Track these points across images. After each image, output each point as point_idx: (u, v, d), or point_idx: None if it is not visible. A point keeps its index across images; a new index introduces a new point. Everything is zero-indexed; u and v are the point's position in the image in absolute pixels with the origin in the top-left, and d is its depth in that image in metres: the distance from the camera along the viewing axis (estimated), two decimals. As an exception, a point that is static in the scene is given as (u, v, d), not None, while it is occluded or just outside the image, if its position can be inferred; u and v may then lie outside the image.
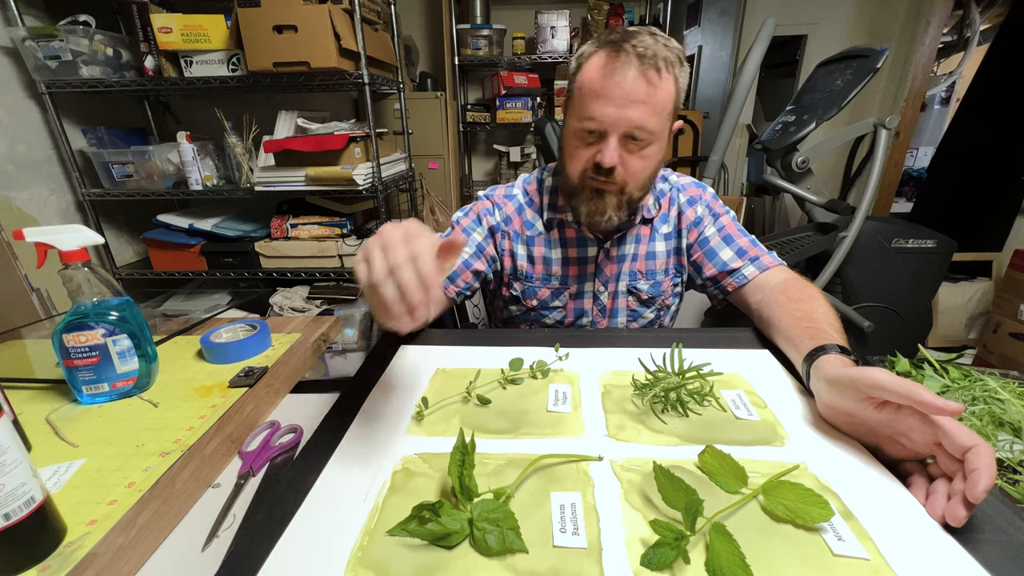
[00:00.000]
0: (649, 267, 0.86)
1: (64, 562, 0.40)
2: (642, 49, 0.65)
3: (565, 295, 0.88)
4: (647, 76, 0.65)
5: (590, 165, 0.71)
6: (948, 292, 2.25)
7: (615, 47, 0.66)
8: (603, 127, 0.68)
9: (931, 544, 0.35)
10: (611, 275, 0.87)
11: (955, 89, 2.90)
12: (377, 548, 0.37)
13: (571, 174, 0.75)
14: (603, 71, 0.67)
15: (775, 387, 0.57)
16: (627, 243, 0.85)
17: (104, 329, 0.61)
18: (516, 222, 0.87)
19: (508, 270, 0.89)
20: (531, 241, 0.86)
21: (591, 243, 0.85)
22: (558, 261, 0.86)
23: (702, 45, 2.70)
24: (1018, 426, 0.54)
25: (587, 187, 0.74)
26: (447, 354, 0.68)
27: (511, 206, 0.87)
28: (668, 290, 0.88)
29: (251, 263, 1.77)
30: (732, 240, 0.82)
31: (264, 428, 0.59)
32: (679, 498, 0.37)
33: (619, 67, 0.65)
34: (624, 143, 0.69)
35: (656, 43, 0.66)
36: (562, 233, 0.86)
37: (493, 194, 0.89)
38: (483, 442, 0.49)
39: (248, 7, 1.42)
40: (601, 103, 0.67)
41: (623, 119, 0.66)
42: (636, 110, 0.66)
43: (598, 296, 0.88)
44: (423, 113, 2.09)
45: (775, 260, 0.79)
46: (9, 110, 1.53)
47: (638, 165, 0.71)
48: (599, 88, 0.67)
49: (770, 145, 1.59)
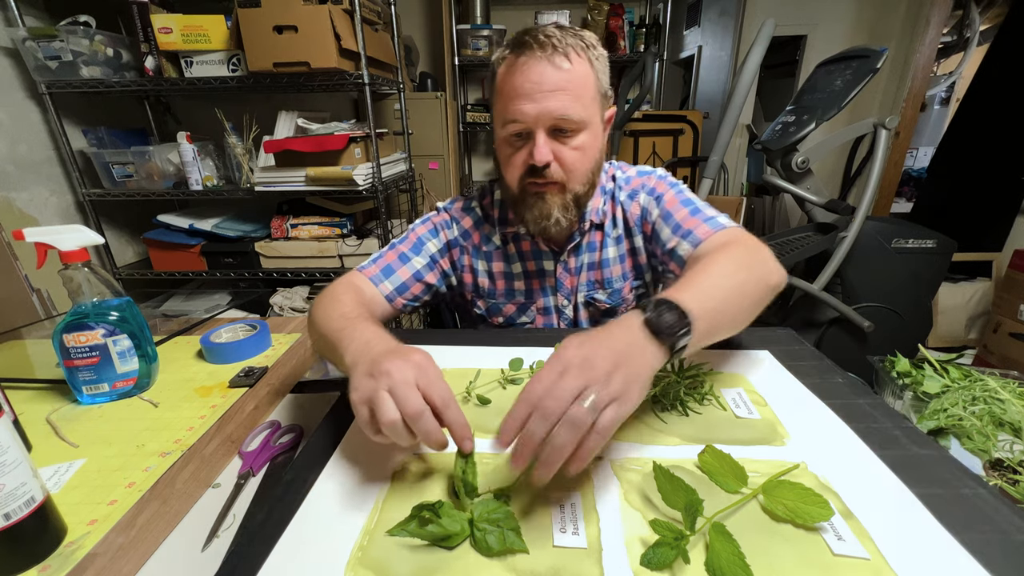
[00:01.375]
0: (605, 275, 0.82)
1: (64, 562, 0.40)
2: (543, 38, 0.64)
3: (533, 310, 0.85)
4: (555, 63, 0.63)
5: (525, 168, 0.69)
6: (948, 292, 2.25)
7: (518, 44, 0.65)
8: (527, 125, 0.66)
9: (931, 544, 0.35)
10: (572, 288, 0.83)
11: (955, 89, 2.90)
12: (377, 548, 0.37)
13: (510, 183, 0.72)
14: (512, 70, 0.65)
15: (775, 386, 0.57)
16: (583, 252, 0.81)
17: (104, 329, 0.61)
18: (475, 236, 0.83)
19: (469, 287, 0.86)
20: (489, 256, 0.83)
21: (547, 256, 0.82)
22: (519, 276, 0.83)
23: (702, 45, 2.70)
24: (1018, 426, 0.54)
25: (528, 192, 0.71)
26: (447, 354, 0.67)
27: (469, 220, 0.84)
28: (630, 296, 0.84)
29: (251, 263, 1.77)
30: (671, 216, 0.73)
31: (264, 428, 0.59)
32: (679, 498, 0.37)
33: (527, 61, 0.64)
34: (553, 137, 0.67)
35: (562, 32, 0.65)
36: (518, 247, 0.82)
37: (451, 207, 0.85)
38: (483, 442, 0.49)
39: (248, 7, 1.42)
40: (519, 101, 0.65)
41: (544, 112, 0.64)
42: (554, 100, 0.64)
43: (562, 311, 0.84)
44: (423, 113, 2.09)
45: (711, 228, 0.68)
46: (9, 110, 1.53)
47: (573, 157, 0.68)
48: (514, 87, 0.65)
49: (770, 145, 1.59)
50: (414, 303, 0.80)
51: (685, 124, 2.30)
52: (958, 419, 0.57)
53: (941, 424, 0.58)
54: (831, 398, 0.54)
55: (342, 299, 0.65)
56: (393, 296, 0.77)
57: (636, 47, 2.26)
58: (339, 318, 0.58)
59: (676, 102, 2.87)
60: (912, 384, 0.64)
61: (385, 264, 0.78)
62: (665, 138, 2.34)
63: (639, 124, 2.31)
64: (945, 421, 0.58)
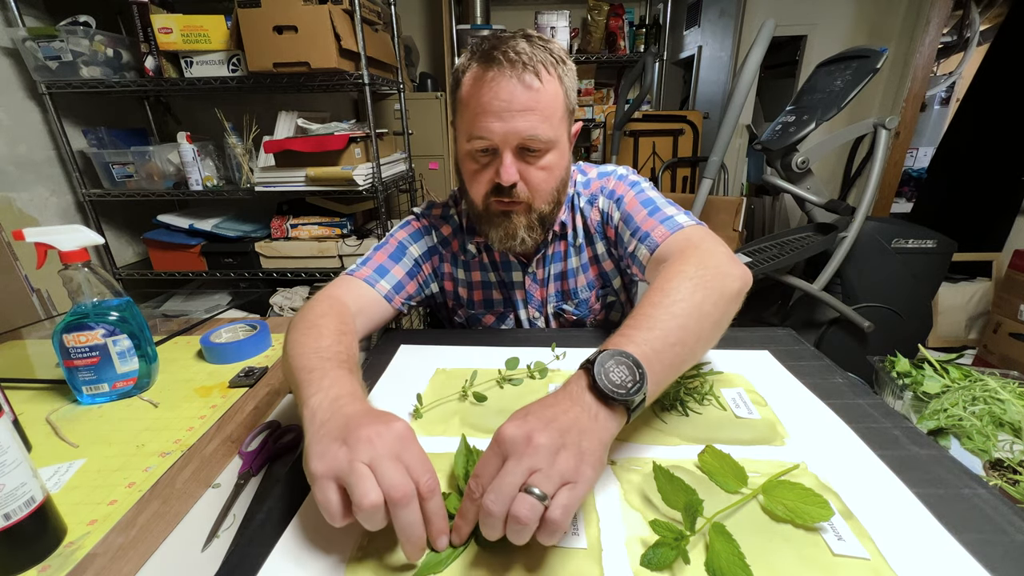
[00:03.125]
0: (570, 286, 0.80)
1: (64, 562, 0.40)
2: (514, 55, 0.60)
3: (511, 318, 0.83)
4: (525, 82, 0.60)
5: (491, 187, 0.66)
6: (948, 292, 2.25)
7: (486, 57, 0.61)
8: (492, 143, 0.63)
9: (931, 544, 0.35)
10: (542, 299, 0.81)
11: (955, 89, 2.90)
12: (377, 548, 0.37)
13: (474, 199, 0.69)
14: (480, 85, 0.61)
15: (775, 386, 0.57)
16: (549, 263, 0.79)
17: (104, 329, 0.61)
18: (453, 244, 0.81)
19: (451, 294, 0.83)
20: (468, 266, 0.81)
21: (515, 267, 0.79)
22: (495, 284, 0.81)
23: (702, 45, 2.70)
24: (1018, 426, 0.54)
25: (492, 212, 0.69)
26: (447, 354, 0.68)
27: (448, 227, 0.81)
28: (597, 307, 0.82)
29: (251, 263, 1.77)
30: (631, 219, 0.71)
31: (264, 428, 0.59)
32: (679, 498, 0.37)
33: (495, 77, 0.60)
34: (520, 156, 0.64)
35: (532, 46, 0.61)
36: (490, 256, 0.80)
37: (429, 213, 0.82)
38: (483, 442, 0.48)
39: (248, 7, 1.42)
40: (486, 119, 0.61)
41: (512, 132, 0.61)
42: (523, 120, 0.61)
43: (534, 323, 0.82)
44: (423, 113, 2.09)
45: (668, 230, 0.65)
46: (9, 111, 1.53)
47: (539, 177, 0.66)
48: (480, 103, 0.61)
49: (770, 145, 1.59)
50: (409, 302, 0.78)
51: (685, 124, 2.30)
52: (958, 419, 0.57)
53: (941, 424, 0.58)
54: (831, 398, 0.54)
55: (320, 326, 0.56)
56: (391, 295, 0.73)
57: (636, 47, 2.26)
58: (312, 355, 0.49)
59: (676, 102, 2.87)
60: (912, 384, 0.64)
61: (377, 264, 0.74)
62: (665, 138, 2.34)
63: (639, 124, 2.32)
64: (945, 421, 0.58)
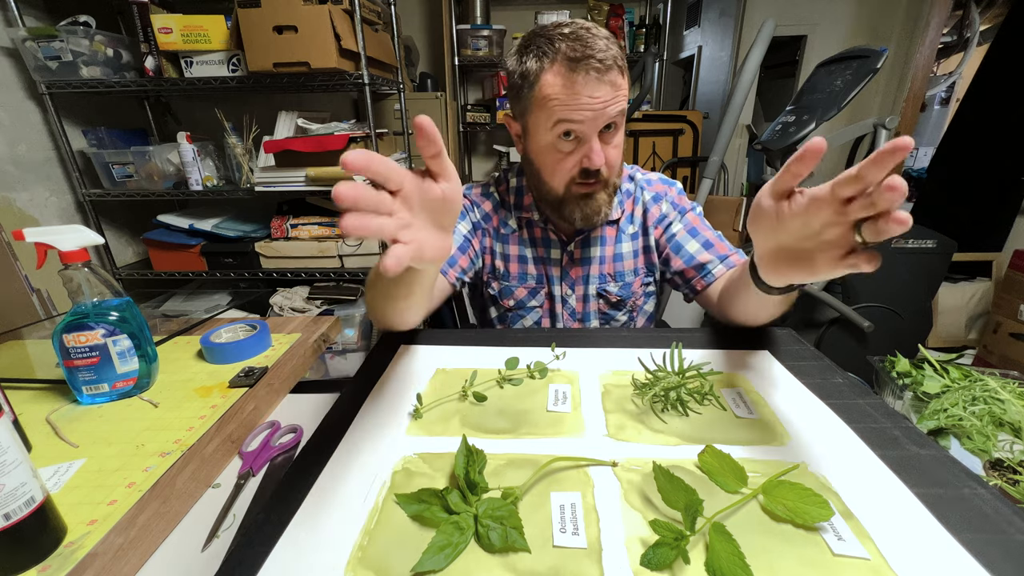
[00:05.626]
0: (617, 269, 0.86)
1: (64, 562, 0.40)
2: (601, 57, 0.64)
3: (542, 294, 0.88)
4: (615, 83, 0.66)
5: (576, 172, 0.72)
6: (948, 292, 2.25)
7: (571, 61, 0.65)
8: (583, 132, 0.68)
9: (931, 544, 0.35)
10: (576, 278, 0.87)
11: (955, 89, 2.90)
12: (377, 548, 0.37)
13: (555, 187, 0.75)
14: (570, 83, 0.65)
15: (775, 386, 0.57)
16: (592, 246, 0.85)
17: (104, 329, 0.61)
18: (494, 220, 0.88)
19: (488, 268, 0.89)
20: (506, 239, 0.87)
21: (555, 245, 0.85)
22: (532, 260, 0.87)
23: (702, 45, 2.70)
24: (1018, 426, 0.54)
25: (574, 194, 0.74)
26: (447, 354, 0.68)
27: (489, 204, 0.88)
28: (639, 291, 0.88)
29: (251, 263, 1.77)
30: (698, 233, 0.82)
31: (264, 428, 0.59)
32: (679, 498, 0.37)
33: (586, 79, 0.64)
34: (600, 137, 0.70)
35: (607, 44, 0.65)
36: (531, 232, 0.87)
37: (471, 193, 0.88)
38: (483, 442, 0.49)
39: (248, 7, 1.42)
40: (578, 112, 0.66)
41: (602, 117, 0.67)
42: (610, 109, 0.67)
43: (566, 300, 0.88)
44: (423, 113, 2.09)
45: (743, 257, 0.78)
46: (9, 111, 1.53)
47: (614, 154, 0.72)
48: (569, 101, 0.66)
49: (770, 145, 1.59)
50: (463, 277, 0.83)
51: (685, 124, 2.30)
52: (958, 419, 0.57)
53: (941, 424, 0.58)
54: (831, 398, 0.54)
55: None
56: (446, 269, 0.79)
57: (636, 47, 2.26)
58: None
59: (676, 102, 2.88)
60: (912, 384, 0.64)
61: None
62: (665, 138, 2.34)
63: (639, 124, 2.32)
64: (945, 421, 0.58)
